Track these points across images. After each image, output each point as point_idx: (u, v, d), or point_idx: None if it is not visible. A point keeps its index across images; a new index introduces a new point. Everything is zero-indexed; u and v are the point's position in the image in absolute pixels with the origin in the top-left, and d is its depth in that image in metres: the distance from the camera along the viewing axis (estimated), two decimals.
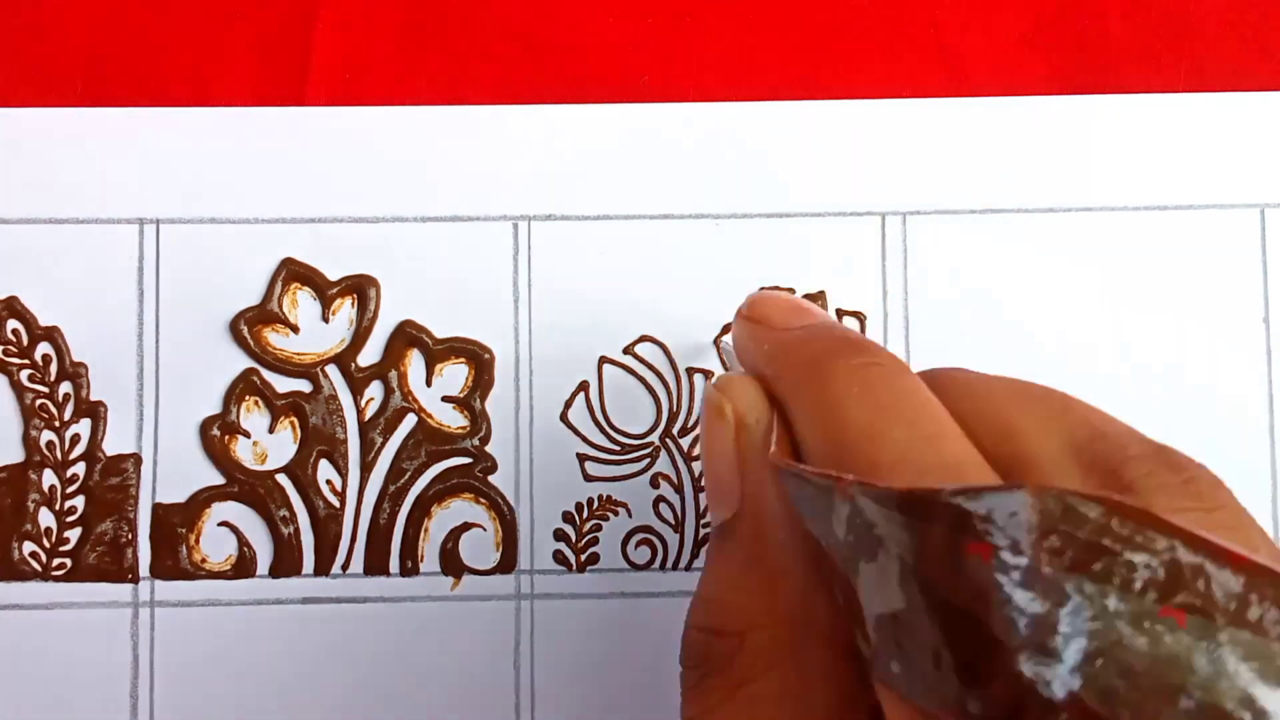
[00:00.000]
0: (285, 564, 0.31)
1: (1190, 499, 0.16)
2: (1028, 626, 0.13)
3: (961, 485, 0.14)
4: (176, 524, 0.31)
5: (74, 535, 0.31)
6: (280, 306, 0.31)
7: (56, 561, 0.31)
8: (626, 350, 0.32)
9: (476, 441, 0.31)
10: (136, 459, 0.31)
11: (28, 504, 0.31)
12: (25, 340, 0.31)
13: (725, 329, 0.32)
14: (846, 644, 0.17)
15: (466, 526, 0.31)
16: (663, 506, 0.31)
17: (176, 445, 0.31)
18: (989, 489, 0.13)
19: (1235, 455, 0.32)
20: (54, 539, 0.31)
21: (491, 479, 0.31)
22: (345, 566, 0.31)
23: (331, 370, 0.32)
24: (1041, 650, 0.13)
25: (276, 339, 0.31)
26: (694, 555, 0.31)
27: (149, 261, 0.31)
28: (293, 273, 0.31)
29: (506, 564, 0.31)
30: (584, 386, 0.32)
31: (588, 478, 0.31)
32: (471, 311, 0.32)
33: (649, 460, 0.32)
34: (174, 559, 0.31)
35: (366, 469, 0.31)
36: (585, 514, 0.31)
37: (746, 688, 0.18)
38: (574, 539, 0.31)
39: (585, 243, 0.32)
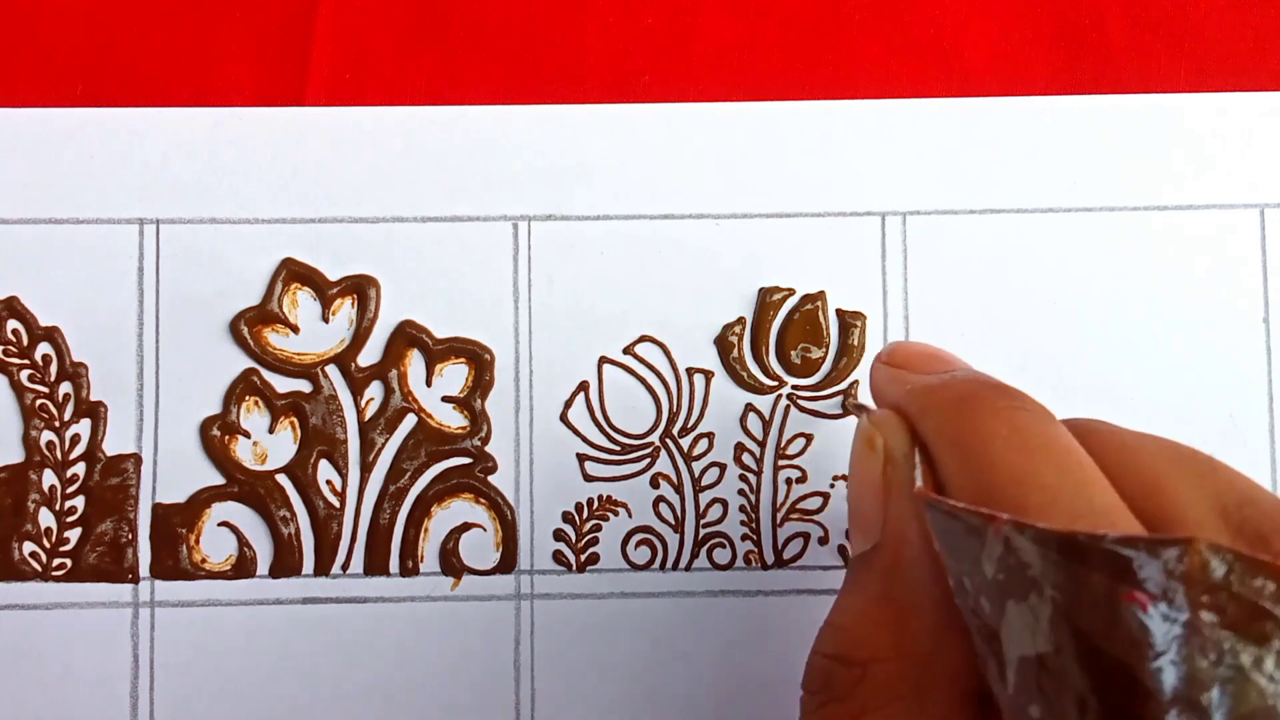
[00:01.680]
0: (285, 564, 0.31)
1: None
2: (1180, 680, 0.13)
3: (1125, 534, 0.14)
4: (176, 524, 0.31)
5: (74, 535, 0.31)
6: (280, 306, 0.31)
7: (56, 561, 0.31)
8: (626, 350, 0.32)
9: (476, 442, 0.31)
10: (136, 459, 0.31)
11: (28, 504, 0.31)
12: (25, 340, 0.31)
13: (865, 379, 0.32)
14: (970, 687, 0.17)
15: (466, 526, 0.31)
16: (663, 507, 0.31)
17: (176, 445, 0.31)
18: (1154, 540, 0.13)
19: (1235, 455, 0.32)
20: (54, 539, 0.31)
21: (491, 479, 0.31)
22: (345, 566, 0.31)
23: (331, 370, 0.32)
24: (1192, 706, 0.13)
25: (276, 339, 0.31)
26: (693, 556, 0.31)
27: (149, 261, 0.31)
28: (293, 273, 0.31)
29: (506, 564, 0.31)
30: (584, 386, 0.32)
31: (588, 478, 0.31)
32: (471, 311, 0.32)
33: (649, 460, 0.32)
34: (174, 559, 0.31)
35: (366, 469, 0.31)
36: (585, 514, 0.31)
37: (865, 718, 0.18)
38: (574, 539, 0.31)
39: (585, 243, 0.32)
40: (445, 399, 0.32)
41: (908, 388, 0.21)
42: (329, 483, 0.31)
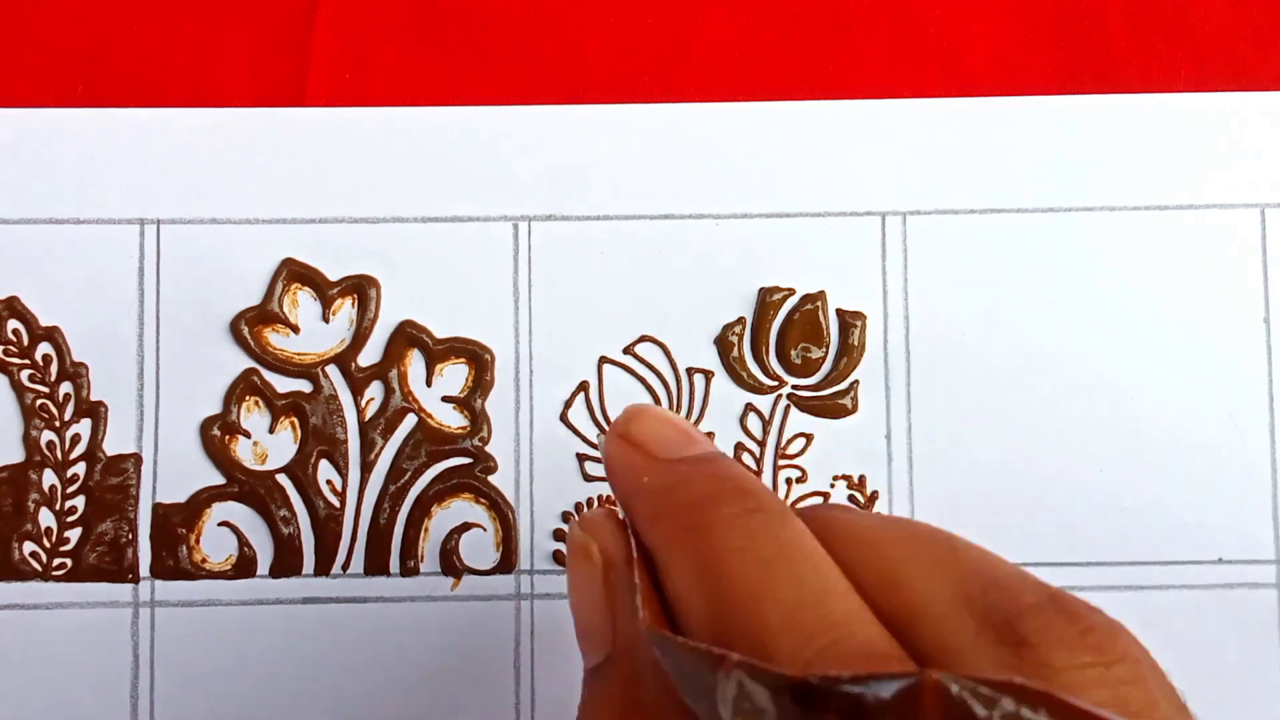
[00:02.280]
0: (285, 564, 0.31)
1: (1089, 651, 0.15)
2: None
3: (858, 673, 0.13)
4: (177, 524, 0.31)
5: (74, 535, 0.31)
6: (280, 306, 0.31)
7: (57, 561, 0.31)
8: (626, 350, 0.32)
9: (476, 441, 0.31)
10: (137, 459, 0.31)
11: (28, 504, 0.31)
12: (26, 340, 0.31)
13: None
14: None
15: (466, 526, 0.31)
16: None
17: (177, 445, 0.31)
18: (888, 676, 0.13)
19: (1235, 455, 0.32)
20: (54, 539, 0.31)
21: (491, 479, 0.31)
22: (345, 566, 0.31)
23: (332, 370, 0.32)
24: None
25: (277, 339, 0.31)
26: None
27: (149, 261, 0.31)
28: (293, 273, 0.31)
29: (506, 564, 0.31)
30: (584, 386, 0.32)
31: (588, 478, 0.31)
32: (471, 311, 0.32)
33: None
34: (174, 559, 0.31)
35: (367, 469, 0.31)
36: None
37: None
38: None
39: (585, 243, 0.32)
40: (445, 399, 0.32)
41: (644, 481, 0.20)
42: (329, 483, 0.31)
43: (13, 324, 0.31)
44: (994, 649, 0.15)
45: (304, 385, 0.31)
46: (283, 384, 0.31)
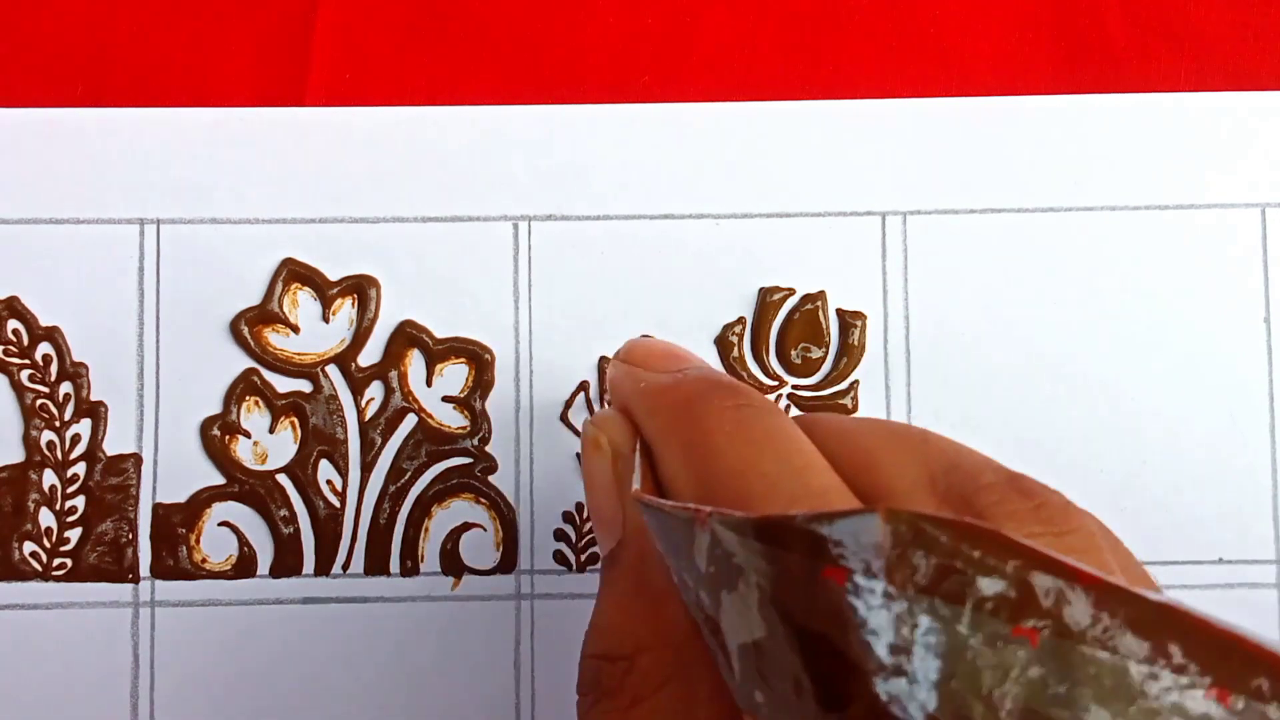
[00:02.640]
0: (286, 564, 0.31)
1: (1040, 523, 0.16)
2: (883, 649, 0.13)
3: (815, 511, 0.14)
4: (177, 524, 0.31)
5: (74, 535, 0.31)
6: (280, 306, 0.31)
7: (57, 561, 0.31)
8: None
9: (476, 441, 0.31)
10: (137, 459, 0.31)
11: (28, 504, 0.31)
12: (26, 340, 0.31)
13: (605, 363, 0.32)
14: None
15: (466, 526, 0.31)
16: None
17: (177, 445, 0.31)
18: (842, 513, 0.14)
19: (1235, 455, 0.32)
20: (54, 539, 0.31)
21: (491, 479, 0.31)
22: (346, 566, 0.31)
23: (332, 370, 0.32)
24: (897, 672, 0.13)
25: (277, 339, 0.31)
26: None
27: (149, 261, 0.31)
28: (293, 273, 0.31)
29: (506, 564, 0.31)
30: (584, 386, 0.32)
31: None
32: (471, 311, 0.32)
33: None
34: (174, 559, 0.31)
35: (367, 469, 0.31)
36: (585, 514, 0.31)
37: (637, 708, 0.18)
38: (574, 539, 0.31)
39: (585, 243, 0.32)
40: (445, 399, 0.32)
41: (640, 386, 0.21)
42: (329, 483, 0.31)
43: (13, 324, 0.31)
44: None
45: (304, 385, 0.31)
46: (283, 384, 0.31)
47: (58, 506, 0.31)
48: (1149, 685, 0.13)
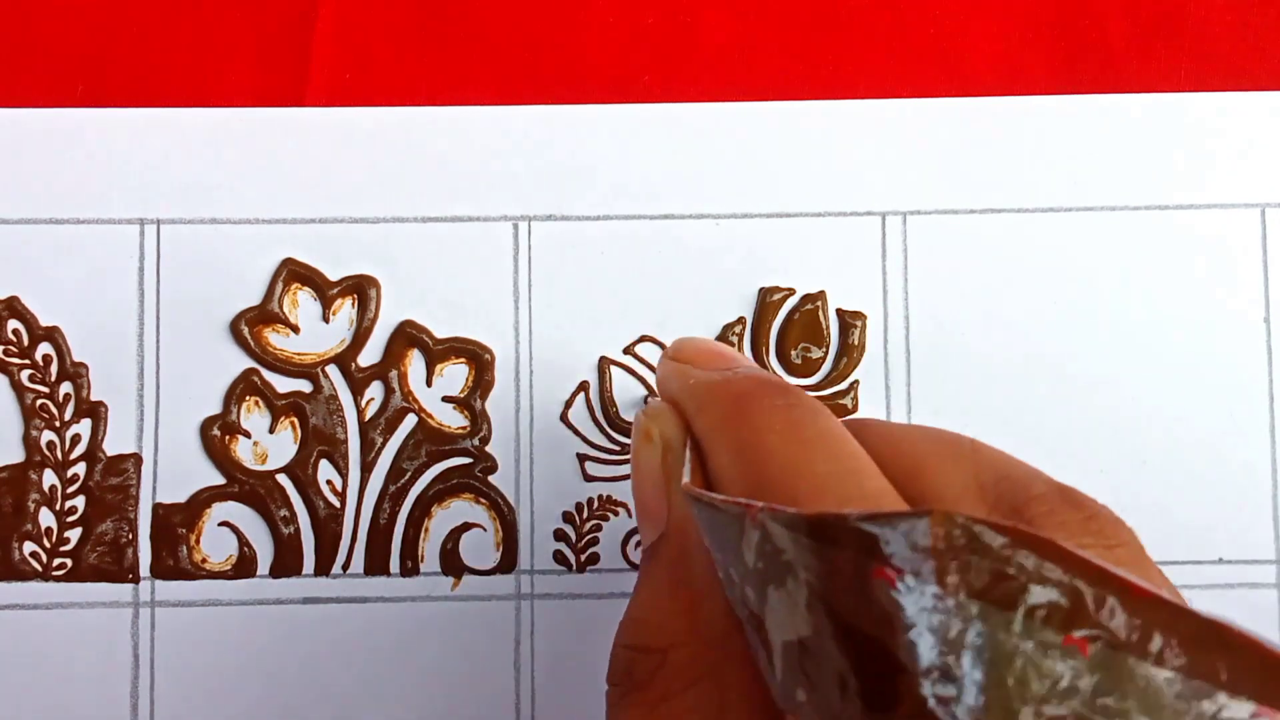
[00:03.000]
0: (285, 564, 0.31)
1: (1090, 535, 0.16)
2: (932, 651, 0.13)
3: (869, 511, 0.14)
4: (177, 524, 0.31)
5: (74, 535, 0.31)
6: (280, 306, 0.31)
7: (57, 561, 0.31)
8: (626, 350, 0.32)
9: (476, 441, 0.31)
10: (137, 459, 0.31)
11: (28, 504, 0.31)
12: (26, 340, 0.31)
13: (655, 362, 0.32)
14: None
15: (466, 526, 0.31)
16: None
17: (177, 445, 0.31)
18: (896, 515, 0.14)
19: (1235, 455, 0.32)
20: (54, 539, 0.31)
21: (491, 479, 0.31)
22: (345, 566, 0.31)
23: (332, 370, 0.32)
24: (945, 675, 0.13)
25: (277, 339, 0.31)
26: None
27: (149, 261, 0.31)
28: (293, 273, 0.31)
29: (506, 564, 0.31)
30: (584, 386, 0.32)
31: (588, 478, 0.31)
32: (471, 311, 0.32)
33: None
34: (174, 559, 0.31)
35: (367, 469, 0.31)
36: (585, 514, 0.31)
37: (667, 704, 0.18)
38: (574, 539, 0.31)
39: (585, 243, 0.32)
40: (445, 399, 0.32)
41: (690, 382, 0.21)
42: (329, 483, 0.31)
43: (13, 324, 0.31)
44: None
45: (304, 385, 0.31)
46: (283, 384, 0.31)
47: (58, 506, 0.31)
48: (1196, 701, 0.13)
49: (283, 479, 0.31)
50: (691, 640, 0.19)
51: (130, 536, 0.31)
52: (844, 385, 0.32)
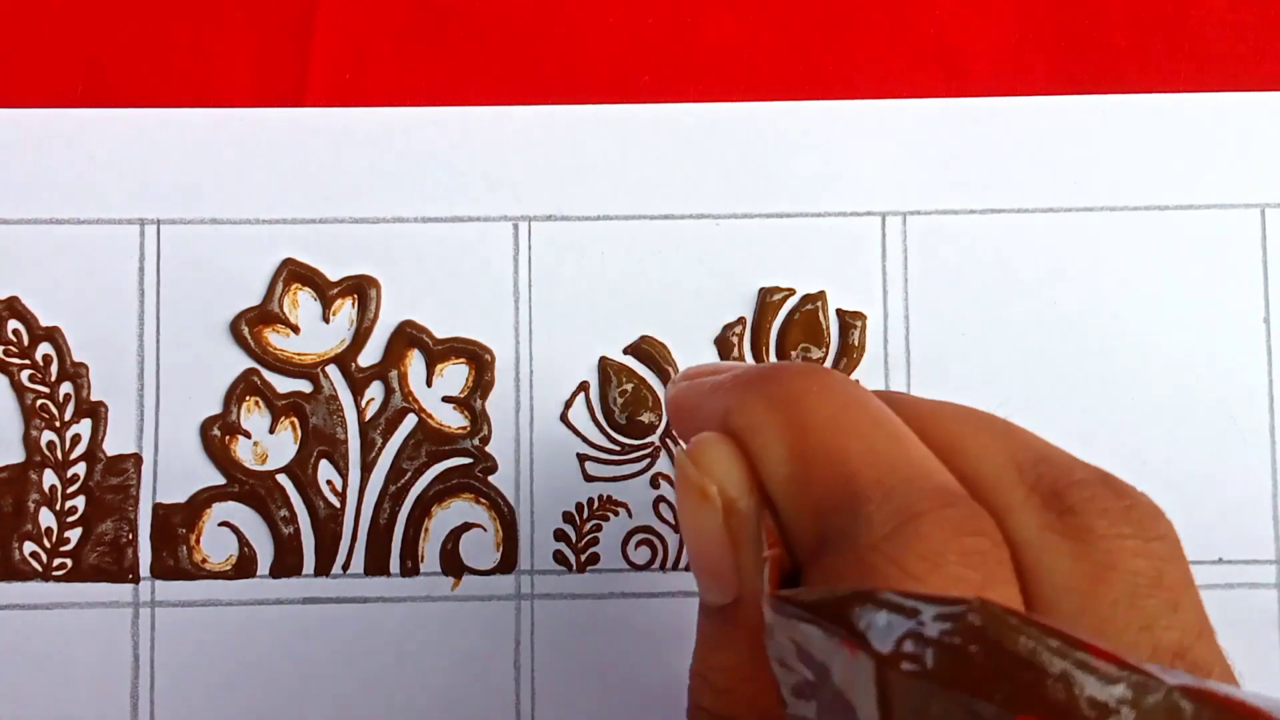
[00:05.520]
0: (285, 564, 0.31)
1: (1130, 525, 0.16)
2: None
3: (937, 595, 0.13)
4: (177, 524, 0.31)
5: (74, 535, 0.31)
6: (281, 307, 0.31)
7: (57, 561, 0.31)
8: (626, 350, 0.32)
9: (476, 442, 0.31)
10: (137, 459, 0.31)
11: (28, 504, 0.31)
12: (26, 340, 0.31)
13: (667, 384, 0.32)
14: None
15: (467, 526, 0.31)
16: (663, 506, 0.31)
17: (177, 445, 0.31)
18: (938, 599, 0.13)
19: (1235, 455, 0.32)
20: (54, 539, 0.31)
21: (491, 479, 0.31)
22: (346, 566, 0.31)
23: (332, 370, 0.32)
24: None
25: (277, 339, 0.31)
26: None
27: (149, 261, 0.31)
28: (293, 273, 0.31)
29: (506, 564, 0.31)
30: (584, 387, 0.32)
31: (588, 478, 0.31)
32: (471, 311, 0.32)
33: (649, 460, 0.32)
34: (174, 559, 0.31)
35: (367, 469, 0.31)
36: (585, 514, 0.31)
37: None
38: (574, 539, 0.31)
39: (585, 243, 0.32)
40: (445, 399, 0.32)
41: (712, 381, 0.20)
42: (329, 483, 0.31)
43: (13, 324, 0.31)
44: (1040, 513, 0.16)
45: (304, 385, 0.31)
46: (283, 384, 0.31)
47: (58, 506, 0.31)
48: None
49: (283, 479, 0.31)
50: (775, 712, 0.17)
51: (130, 536, 0.31)
52: None
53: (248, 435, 0.31)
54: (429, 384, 0.32)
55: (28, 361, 0.31)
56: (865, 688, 0.13)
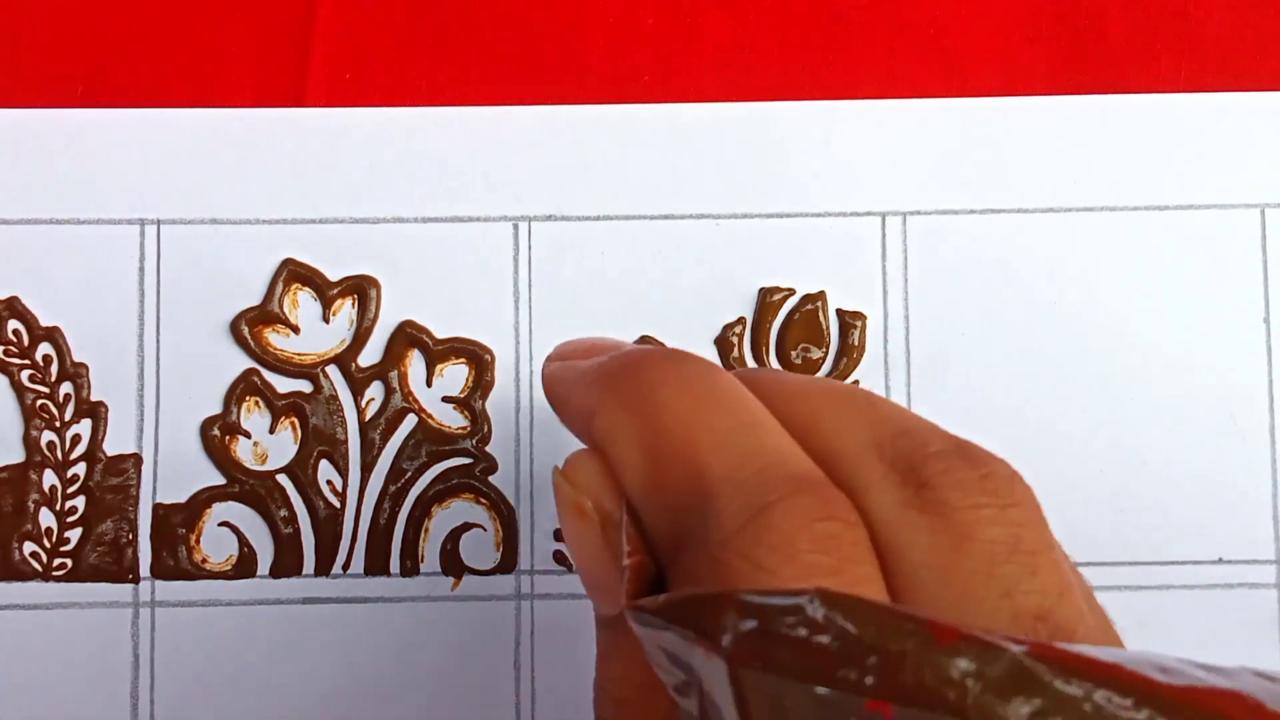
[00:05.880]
0: (286, 564, 0.31)
1: (985, 494, 0.16)
2: None
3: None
4: (177, 524, 0.31)
5: (74, 535, 0.31)
6: (281, 307, 0.31)
7: (57, 561, 0.31)
8: None
9: (476, 442, 0.31)
10: (137, 459, 0.31)
11: (28, 504, 0.31)
12: (26, 340, 0.31)
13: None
14: None
15: (467, 526, 0.31)
16: None
17: (177, 445, 0.31)
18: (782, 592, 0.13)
19: (1235, 455, 0.32)
20: (54, 539, 0.31)
21: (491, 479, 0.31)
22: (346, 566, 0.31)
23: (332, 370, 0.32)
24: None
25: (277, 339, 0.32)
26: None
27: (149, 261, 0.31)
28: (293, 273, 0.31)
29: (506, 564, 0.31)
30: None
31: None
32: (471, 311, 0.32)
33: None
34: (174, 559, 0.31)
35: (367, 469, 0.31)
36: None
37: None
38: None
39: (585, 243, 0.32)
40: (445, 399, 0.32)
41: (579, 369, 0.20)
42: (329, 483, 0.31)
43: (13, 324, 0.31)
44: (898, 489, 0.16)
45: (304, 385, 0.31)
46: (283, 384, 0.31)
47: (58, 507, 0.31)
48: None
49: (283, 479, 0.31)
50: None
51: (130, 536, 0.31)
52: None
53: (248, 435, 0.31)
54: (429, 384, 0.32)
55: (28, 361, 0.31)
56: (722, 687, 0.13)
